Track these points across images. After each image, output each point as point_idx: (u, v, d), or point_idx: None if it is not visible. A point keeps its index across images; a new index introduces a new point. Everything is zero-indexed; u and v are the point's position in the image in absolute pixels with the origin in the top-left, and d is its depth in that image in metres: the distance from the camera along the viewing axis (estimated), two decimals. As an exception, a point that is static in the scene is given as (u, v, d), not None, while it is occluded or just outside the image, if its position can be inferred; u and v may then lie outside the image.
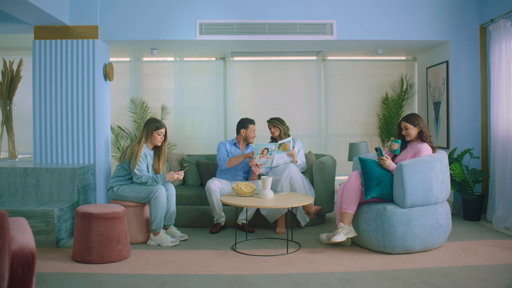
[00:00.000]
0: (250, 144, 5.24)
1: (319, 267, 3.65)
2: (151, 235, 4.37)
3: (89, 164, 5.09)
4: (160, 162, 4.63)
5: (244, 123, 5.15)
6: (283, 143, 4.79)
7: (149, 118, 5.22)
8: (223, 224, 4.91)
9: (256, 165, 4.86)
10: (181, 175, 4.51)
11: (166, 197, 4.42)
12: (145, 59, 6.83)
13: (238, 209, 4.81)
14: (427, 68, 6.29)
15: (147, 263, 3.79)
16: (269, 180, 4.28)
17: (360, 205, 4.20)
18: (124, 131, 6.53)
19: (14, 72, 5.50)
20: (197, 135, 6.87)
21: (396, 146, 4.29)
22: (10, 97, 5.51)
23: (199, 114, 6.86)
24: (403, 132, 4.33)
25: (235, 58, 6.79)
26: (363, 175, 4.11)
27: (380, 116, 6.65)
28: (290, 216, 4.64)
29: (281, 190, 4.76)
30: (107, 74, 5.43)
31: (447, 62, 5.63)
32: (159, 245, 4.32)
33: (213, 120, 6.81)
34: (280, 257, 3.93)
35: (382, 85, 6.76)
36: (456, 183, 5.14)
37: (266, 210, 4.84)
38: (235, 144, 5.19)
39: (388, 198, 4.09)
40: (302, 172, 5.05)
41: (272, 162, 4.79)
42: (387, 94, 6.68)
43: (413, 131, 4.26)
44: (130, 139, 6.46)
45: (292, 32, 5.41)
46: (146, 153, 4.51)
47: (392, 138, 4.42)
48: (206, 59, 6.89)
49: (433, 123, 6.07)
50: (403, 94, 6.57)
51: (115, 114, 6.41)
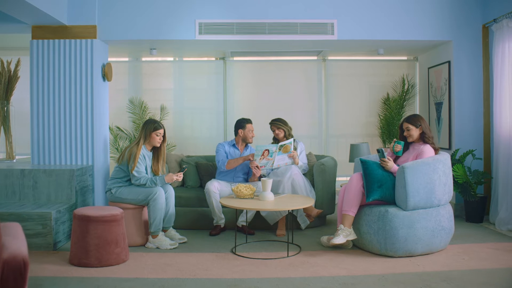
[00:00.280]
0: (249, 145, 5.18)
1: (320, 271, 3.59)
2: (150, 237, 4.31)
3: (87, 165, 5.03)
4: (159, 164, 4.58)
5: (241, 123, 5.09)
6: (284, 144, 4.73)
7: (147, 119, 5.16)
8: (222, 226, 4.86)
9: (257, 166, 4.80)
10: (180, 177, 4.45)
11: (165, 199, 4.36)
12: (144, 59, 6.77)
13: (238, 211, 4.75)
14: (428, 68, 6.23)
15: (145, 266, 3.73)
16: (269, 182, 4.22)
17: (362, 207, 4.14)
18: (123, 131, 6.47)
19: (12, 72, 5.46)
20: (197, 135, 6.81)
21: (399, 147, 4.23)
22: (8, 97, 5.46)
23: (198, 114, 6.81)
24: (405, 133, 4.27)
25: (235, 58, 6.73)
26: (364, 177, 4.05)
27: (381, 117, 6.59)
28: (291, 218, 4.58)
29: (283, 192, 4.70)
30: (106, 75, 5.38)
31: (449, 62, 5.57)
32: (157, 247, 4.27)
33: (212, 121, 6.76)
34: (281, 260, 3.87)
35: (383, 85, 6.71)
36: (459, 185, 5.09)
37: (266, 212, 4.79)
38: (234, 145, 5.13)
39: (390, 200, 4.03)
40: (303, 174, 4.99)
41: (273, 164, 4.73)
42: (388, 94, 6.62)
43: (415, 132, 4.21)
44: (129, 139, 6.40)
45: (293, 32, 5.36)
46: (144, 154, 4.45)
47: (394, 139, 4.36)
48: (205, 59, 6.84)
49: (435, 123, 6.01)
50: (404, 94, 6.51)
51: (113, 114, 6.35)
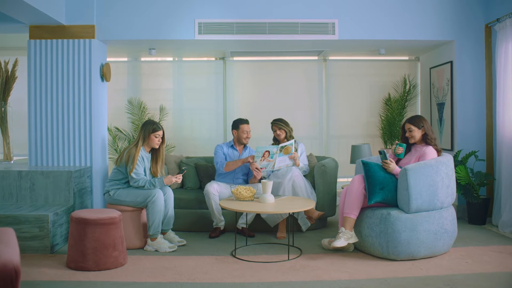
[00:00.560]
0: (248, 146, 5.12)
1: (321, 275, 3.53)
2: (149, 240, 4.25)
3: (85, 167, 4.97)
4: (158, 165, 4.52)
5: (235, 124, 5.01)
6: (285, 145, 4.65)
7: (146, 120, 5.10)
8: (222, 228, 4.79)
9: (257, 168, 4.73)
10: (179, 178, 4.39)
11: (164, 201, 4.30)
12: (143, 59, 6.72)
13: (238, 213, 4.70)
14: (430, 68, 6.17)
15: (144, 270, 3.67)
16: (269, 184, 4.16)
17: (363, 209, 4.08)
18: (122, 132, 6.41)
19: (9, 73, 5.39)
20: (196, 136, 6.76)
21: (401, 150, 4.16)
22: (5, 97, 5.40)
23: (198, 114, 6.76)
24: (407, 134, 4.21)
25: (235, 58, 6.68)
26: (366, 179, 3.99)
27: (382, 117, 6.53)
28: (291, 220, 4.53)
29: (283, 193, 4.64)
30: (104, 75, 5.32)
31: (451, 62, 5.51)
32: (156, 250, 4.21)
33: (212, 121, 6.71)
34: (281, 264, 3.81)
35: (385, 85, 6.65)
36: (461, 186, 5.03)
37: (266, 214, 4.72)
38: (232, 146, 5.06)
39: (392, 202, 3.97)
40: (304, 175, 4.93)
41: (274, 165, 4.66)
42: (389, 94, 6.56)
43: (417, 133, 4.15)
44: (127, 140, 6.34)
45: (293, 31, 5.30)
46: (143, 156, 4.39)
47: (396, 141, 4.30)
48: (205, 59, 6.78)
49: (437, 124, 5.95)
50: (406, 94, 6.46)
51: (112, 115, 6.30)
